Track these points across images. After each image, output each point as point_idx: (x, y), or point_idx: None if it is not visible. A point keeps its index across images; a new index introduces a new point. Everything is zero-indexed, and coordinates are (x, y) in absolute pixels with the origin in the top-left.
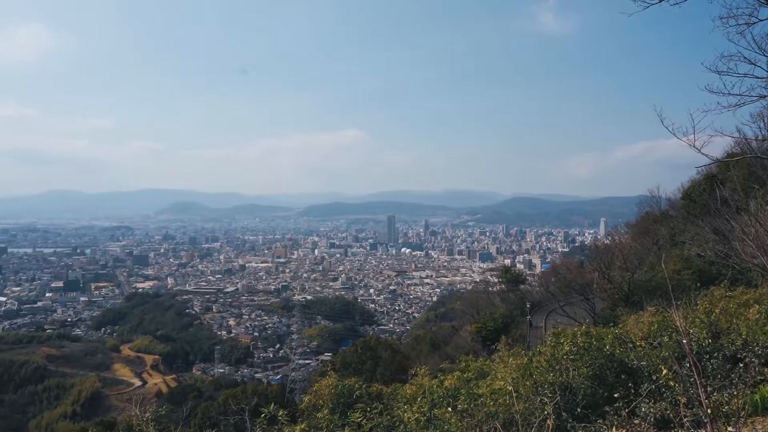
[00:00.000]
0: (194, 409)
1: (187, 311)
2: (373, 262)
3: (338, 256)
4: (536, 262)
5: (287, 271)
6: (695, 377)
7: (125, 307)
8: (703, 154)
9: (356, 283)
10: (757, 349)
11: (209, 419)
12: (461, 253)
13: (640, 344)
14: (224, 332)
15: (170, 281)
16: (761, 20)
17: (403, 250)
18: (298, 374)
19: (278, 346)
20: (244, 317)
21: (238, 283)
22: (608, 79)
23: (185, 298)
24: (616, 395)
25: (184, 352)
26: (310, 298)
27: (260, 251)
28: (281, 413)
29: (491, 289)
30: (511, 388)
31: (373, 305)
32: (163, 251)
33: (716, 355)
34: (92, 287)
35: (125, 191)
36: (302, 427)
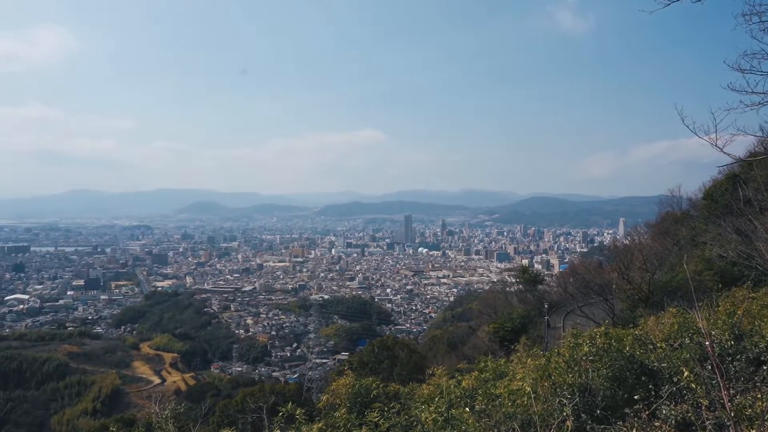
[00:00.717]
0: (212, 407)
1: (205, 310)
2: (390, 261)
3: (355, 255)
4: (554, 262)
5: (304, 270)
6: (718, 379)
7: (145, 305)
8: (725, 153)
9: (373, 282)
10: None
11: (227, 417)
12: (478, 253)
13: (660, 346)
14: (242, 331)
15: (189, 280)
16: None
17: (420, 249)
18: (315, 373)
19: (295, 345)
20: (261, 316)
21: (255, 282)
22: (627, 77)
23: (203, 296)
24: (636, 397)
25: (202, 350)
26: (327, 297)
27: (278, 251)
28: (299, 412)
29: (509, 289)
30: (529, 389)
31: (389, 305)
32: (181, 250)
33: (739, 357)
34: (112, 286)
35: (145, 191)
36: (319, 425)
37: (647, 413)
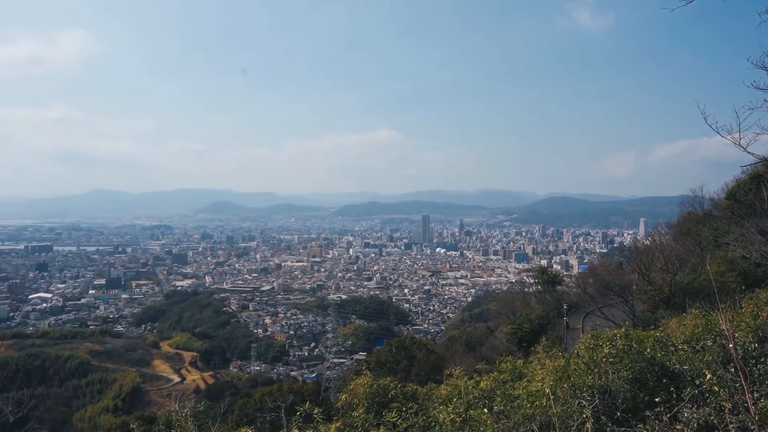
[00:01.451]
0: (231, 405)
1: (224, 309)
2: (407, 261)
3: (373, 255)
4: (573, 263)
5: (322, 270)
6: (741, 382)
7: (164, 304)
8: (748, 152)
9: (391, 282)
10: None
11: (246, 416)
12: (496, 253)
13: (682, 348)
14: (260, 330)
15: (208, 279)
16: None
17: (437, 250)
18: (332, 373)
19: (313, 344)
20: (279, 316)
21: (274, 281)
22: (647, 75)
23: (222, 296)
24: (657, 400)
25: (221, 349)
26: (344, 297)
27: (296, 250)
28: (316, 411)
29: (527, 289)
30: (548, 390)
31: (407, 305)
32: (201, 250)
33: (763, 360)
34: (133, 285)
35: (165, 191)
36: (337, 425)
37: (668, 416)
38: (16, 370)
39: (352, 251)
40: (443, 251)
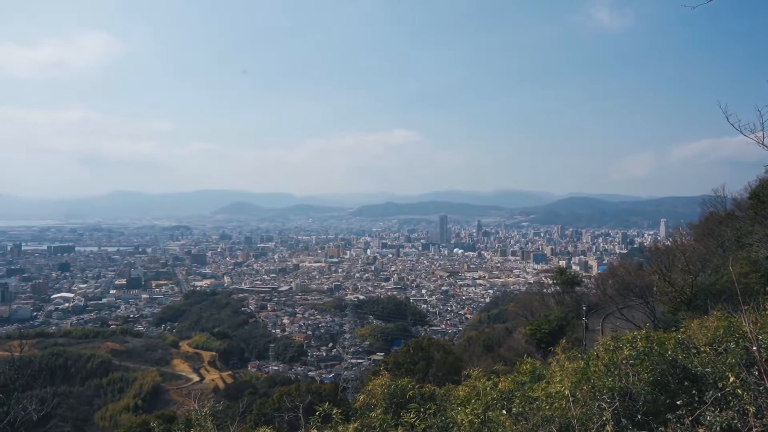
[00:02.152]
0: (250, 405)
1: (242, 309)
2: (425, 262)
3: (390, 256)
4: (593, 263)
5: (340, 270)
6: (765, 385)
7: (184, 304)
8: None
9: (408, 283)
10: None
11: (264, 416)
12: (515, 254)
13: (704, 350)
14: (278, 330)
15: (226, 280)
16: None
17: (455, 250)
18: (350, 373)
19: (331, 345)
20: (297, 316)
21: (291, 282)
22: (667, 75)
23: (241, 296)
24: (678, 402)
25: (239, 349)
26: (362, 297)
27: (313, 251)
28: (335, 412)
29: (546, 290)
30: (567, 392)
31: (425, 305)
32: (219, 250)
33: None
34: (153, 285)
35: (184, 192)
36: (355, 425)
37: (690, 419)
38: (39, 368)
39: (369, 252)
40: (461, 252)
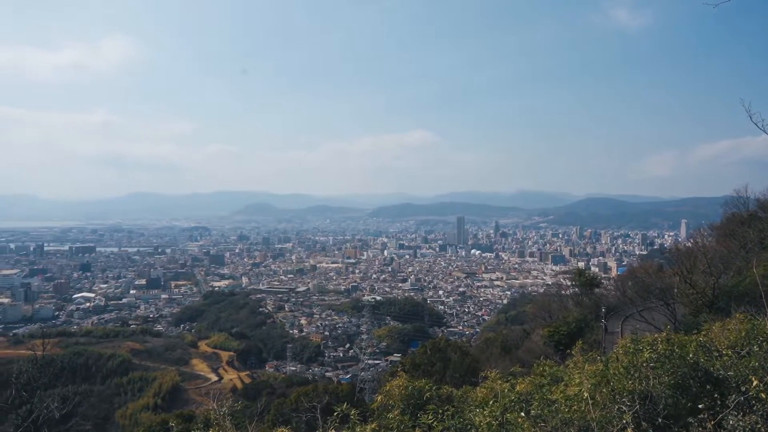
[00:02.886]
0: (267, 405)
1: (260, 310)
2: (442, 263)
3: (407, 257)
4: (612, 265)
5: (357, 271)
6: None
7: (202, 304)
8: None
9: (425, 284)
10: None
11: (282, 416)
12: (533, 255)
13: (726, 353)
14: (296, 331)
15: (245, 280)
16: None
17: (472, 251)
18: (367, 374)
19: (348, 345)
20: (315, 316)
21: (309, 282)
22: (688, 74)
23: (259, 296)
24: (700, 406)
25: (257, 349)
26: (379, 298)
27: (331, 252)
28: (353, 412)
29: (564, 292)
30: (587, 394)
31: (442, 307)
32: (238, 251)
33: None
34: (172, 285)
35: (203, 193)
36: (373, 426)
37: (712, 423)
38: (61, 367)
39: (386, 252)
40: (478, 253)
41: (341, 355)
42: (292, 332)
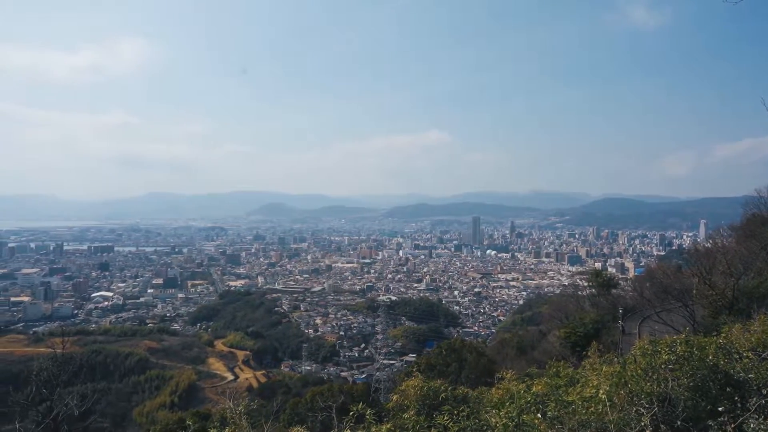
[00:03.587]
0: (283, 404)
1: (276, 309)
2: (457, 263)
3: (423, 257)
4: (629, 265)
5: (372, 271)
6: None
7: (219, 304)
8: None
9: (440, 284)
10: None
11: (297, 415)
12: (549, 255)
13: (747, 355)
14: (311, 330)
15: (260, 280)
16: None
17: (488, 251)
18: (382, 374)
19: (363, 345)
20: (330, 316)
21: (324, 282)
22: (707, 72)
23: (274, 296)
24: (720, 409)
25: (273, 348)
26: (394, 298)
27: (346, 252)
28: (368, 412)
29: (581, 293)
30: (604, 396)
31: (457, 307)
32: (253, 251)
33: None
34: (189, 284)
35: (219, 193)
36: (388, 426)
37: (733, 426)
38: (80, 365)
39: (401, 253)
40: (494, 253)
41: (356, 354)
42: (307, 332)
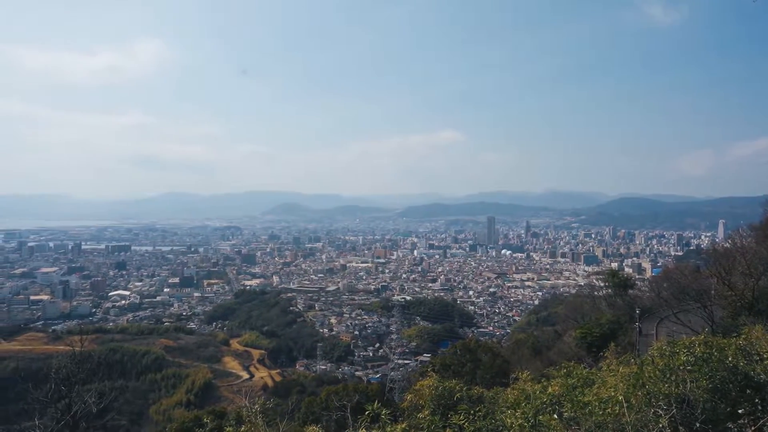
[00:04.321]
0: (298, 403)
1: (290, 309)
2: (472, 263)
3: (437, 257)
4: (646, 266)
5: (387, 271)
6: None
7: (234, 303)
8: None
9: (455, 284)
10: None
11: (312, 414)
12: (564, 255)
13: (767, 357)
14: (326, 330)
15: (275, 279)
16: None
17: (503, 251)
18: (397, 374)
19: (378, 345)
20: (344, 316)
21: (339, 282)
22: (725, 71)
23: (289, 295)
24: (740, 411)
25: (287, 347)
26: (409, 298)
27: (360, 251)
28: (383, 412)
29: (597, 293)
30: (621, 397)
31: (472, 307)
32: (268, 250)
33: None
34: (205, 284)
35: (234, 193)
36: (403, 426)
37: (753, 429)
38: (98, 363)
39: (416, 252)
40: (509, 253)
41: (371, 354)
42: (322, 331)
